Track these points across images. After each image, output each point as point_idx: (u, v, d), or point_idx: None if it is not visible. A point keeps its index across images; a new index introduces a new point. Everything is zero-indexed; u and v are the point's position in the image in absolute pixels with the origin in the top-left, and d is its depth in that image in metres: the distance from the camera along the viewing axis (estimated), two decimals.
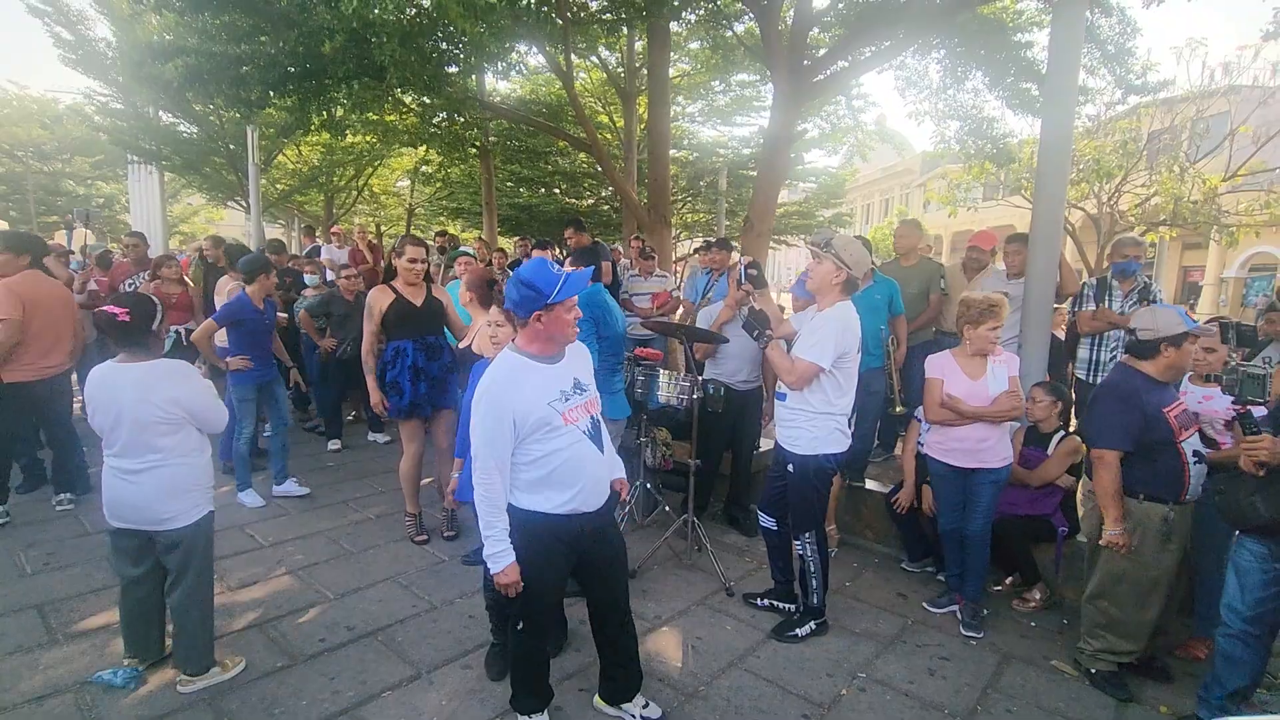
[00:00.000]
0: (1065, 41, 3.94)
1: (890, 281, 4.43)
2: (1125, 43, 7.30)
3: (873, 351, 4.09)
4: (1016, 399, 3.25)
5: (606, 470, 2.30)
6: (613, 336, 3.64)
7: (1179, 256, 22.77)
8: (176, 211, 25.12)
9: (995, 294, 3.32)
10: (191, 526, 2.60)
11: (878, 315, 4.23)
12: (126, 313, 2.48)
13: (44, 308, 4.15)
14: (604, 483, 2.29)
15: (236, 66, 6.18)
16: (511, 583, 2.13)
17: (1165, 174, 10.21)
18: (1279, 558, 2.32)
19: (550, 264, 2.15)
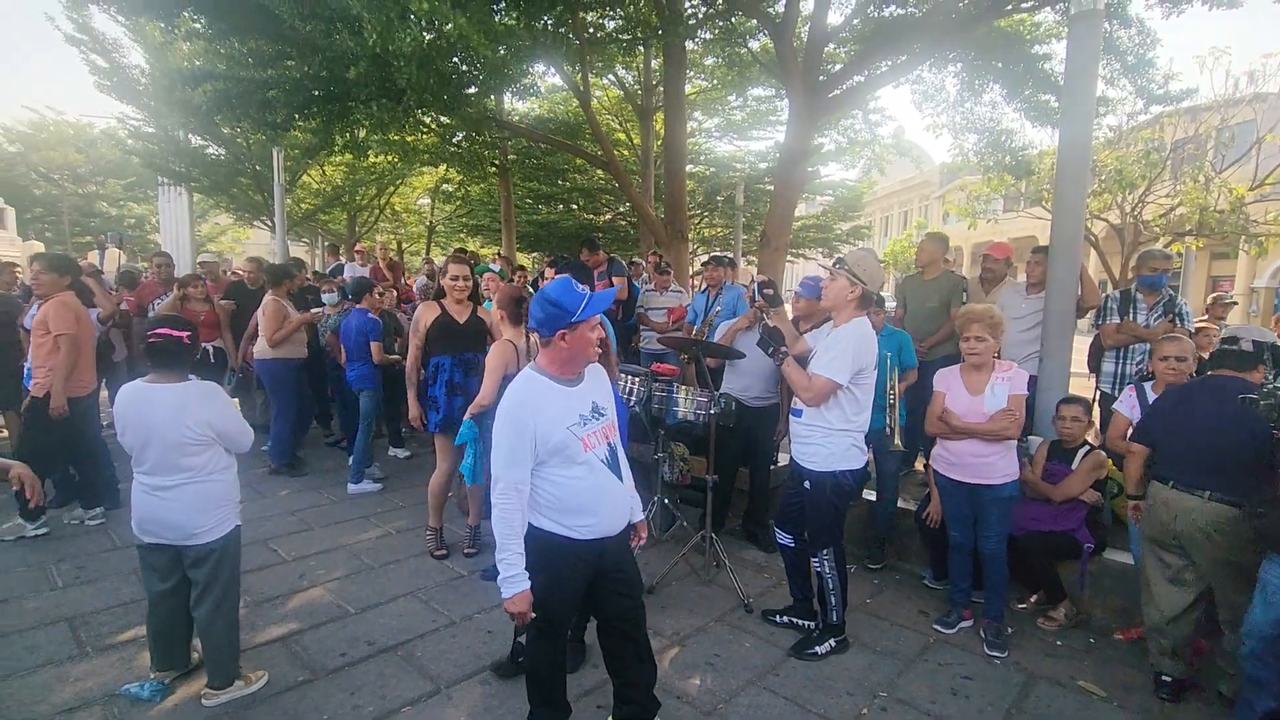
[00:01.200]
0: (1083, 53, 3.93)
1: (900, 334, 4.13)
2: (1145, 53, 7.23)
3: (880, 406, 3.68)
4: (1010, 418, 3.14)
5: (625, 497, 2.29)
6: None
7: (1207, 266, 22.33)
8: (204, 231, 25.77)
9: (983, 305, 3.35)
10: (219, 541, 2.65)
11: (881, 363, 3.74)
12: (188, 336, 2.59)
13: (84, 327, 4.31)
14: (622, 510, 2.28)
15: (263, 91, 6.36)
16: (521, 612, 2.07)
17: (1190, 184, 10.03)
18: None
19: (575, 283, 2.15)
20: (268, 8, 5.62)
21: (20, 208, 24.85)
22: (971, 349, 3.23)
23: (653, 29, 7.99)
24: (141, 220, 30.38)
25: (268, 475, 5.62)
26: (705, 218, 17.93)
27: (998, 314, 3.25)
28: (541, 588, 2.16)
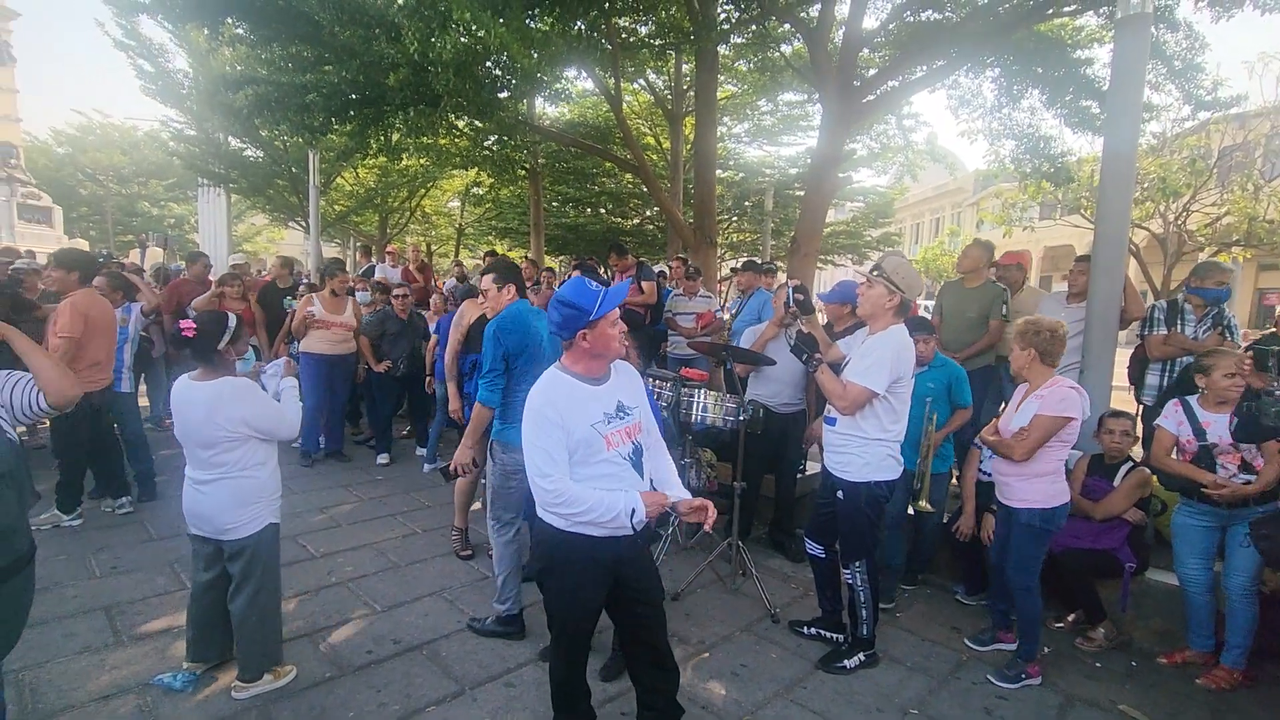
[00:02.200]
0: (1130, 58, 3.81)
1: (951, 365, 3.74)
2: (1193, 58, 7.02)
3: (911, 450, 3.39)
4: (1019, 438, 2.96)
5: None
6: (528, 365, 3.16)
7: (1254, 278, 21.58)
8: (240, 231, 26.42)
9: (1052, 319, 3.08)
10: (253, 537, 2.67)
11: (918, 405, 3.39)
12: (192, 328, 2.58)
13: (99, 325, 4.28)
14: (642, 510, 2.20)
15: (301, 95, 6.50)
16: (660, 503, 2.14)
17: (1239, 192, 9.74)
18: None
19: (588, 281, 2.16)
20: (308, 15, 5.74)
21: (66, 207, 25.70)
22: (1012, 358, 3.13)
23: (685, 34, 7.99)
24: (181, 220, 31.27)
25: (299, 471, 5.71)
26: (734, 223, 17.88)
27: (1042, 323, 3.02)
28: (557, 594, 2.16)
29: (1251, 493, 2.91)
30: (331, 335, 5.91)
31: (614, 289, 2.14)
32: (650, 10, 8.06)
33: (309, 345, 5.89)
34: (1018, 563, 3.02)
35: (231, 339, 2.68)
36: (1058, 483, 3.00)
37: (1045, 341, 2.99)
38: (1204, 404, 3.16)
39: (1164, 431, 3.24)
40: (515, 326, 3.14)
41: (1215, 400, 3.11)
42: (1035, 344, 3.01)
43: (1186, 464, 3.11)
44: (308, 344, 5.88)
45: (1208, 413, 3.12)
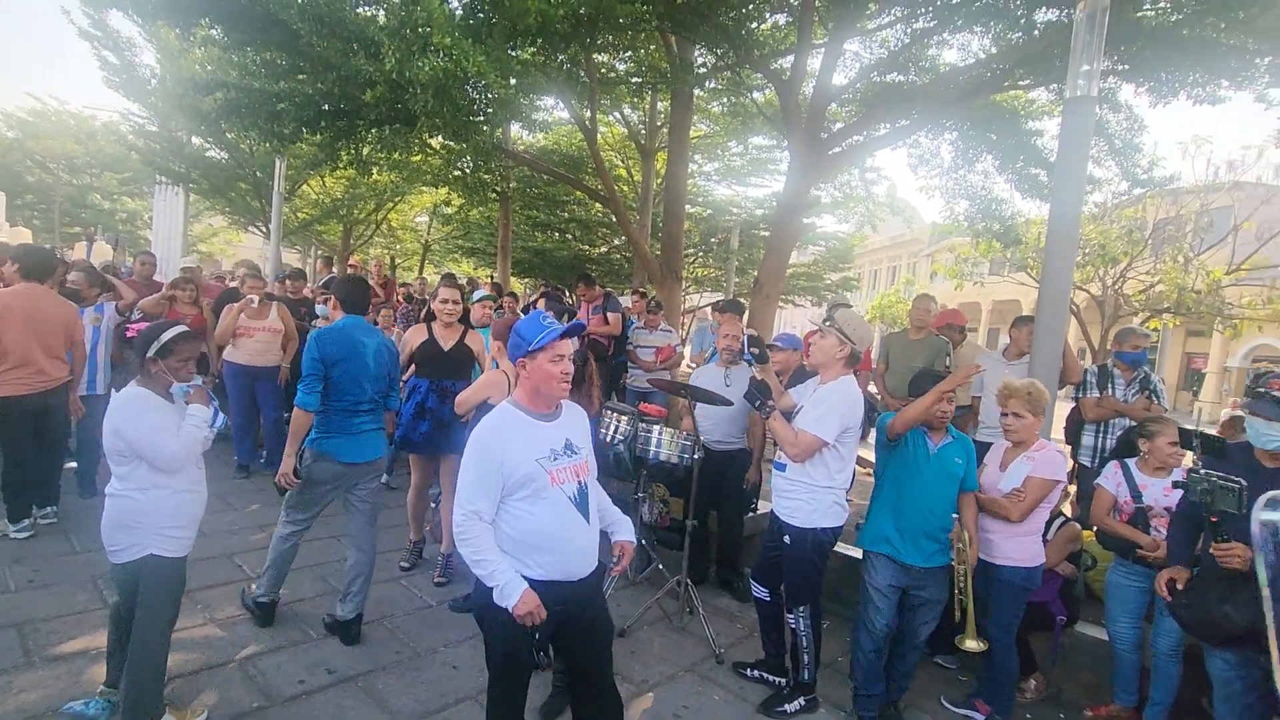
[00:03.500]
0: (1075, 135, 4.05)
1: (966, 441, 3.13)
2: (1133, 138, 7.53)
3: (939, 539, 2.95)
4: (1014, 499, 2.97)
5: (592, 539, 2.21)
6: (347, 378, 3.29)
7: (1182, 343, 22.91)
8: (197, 231, 25.60)
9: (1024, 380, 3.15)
10: (130, 566, 2.44)
11: (950, 484, 2.99)
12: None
13: (23, 321, 4.04)
14: (589, 553, 2.19)
15: (273, 103, 6.42)
16: (532, 609, 1.98)
17: (1170, 263, 10.38)
18: (1255, 661, 2.28)
19: (545, 315, 2.18)
20: (286, 23, 5.70)
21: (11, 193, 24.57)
22: (1009, 425, 3.06)
23: (662, 75, 8.21)
24: (134, 216, 30.16)
25: (237, 486, 5.51)
26: (699, 258, 18.17)
27: (1039, 390, 3.08)
28: (497, 631, 2.11)
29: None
30: (254, 343, 5.71)
31: (559, 328, 2.13)
32: (630, 49, 8.27)
33: (230, 354, 5.69)
34: (998, 620, 3.05)
35: (161, 352, 2.45)
36: (1039, 543, 3.09)
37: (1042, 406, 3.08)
38: (1142, 467, 3.30)
39: (1104, 491, 3.36)
40: (338, 338, 3.30)
41: (1154, 465, 3.25)
42: (1037, 410, 3.05)
43: (1124, 525, 3.23)
44: (229, 353, 5.69)
45: (1145, 476, 3.26)
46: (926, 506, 2.95)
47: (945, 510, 2.97)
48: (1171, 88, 6.28)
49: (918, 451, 3.02)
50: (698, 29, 6.53)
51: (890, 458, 3.09)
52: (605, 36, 7.07)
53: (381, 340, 3.49)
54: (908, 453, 3.03)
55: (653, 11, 6.27)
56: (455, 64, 4.58)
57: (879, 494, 3.13)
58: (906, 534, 2.97)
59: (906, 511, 2.97)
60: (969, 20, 6.73)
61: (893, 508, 3.02)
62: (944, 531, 2.96)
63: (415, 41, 4.70)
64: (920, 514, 2.95)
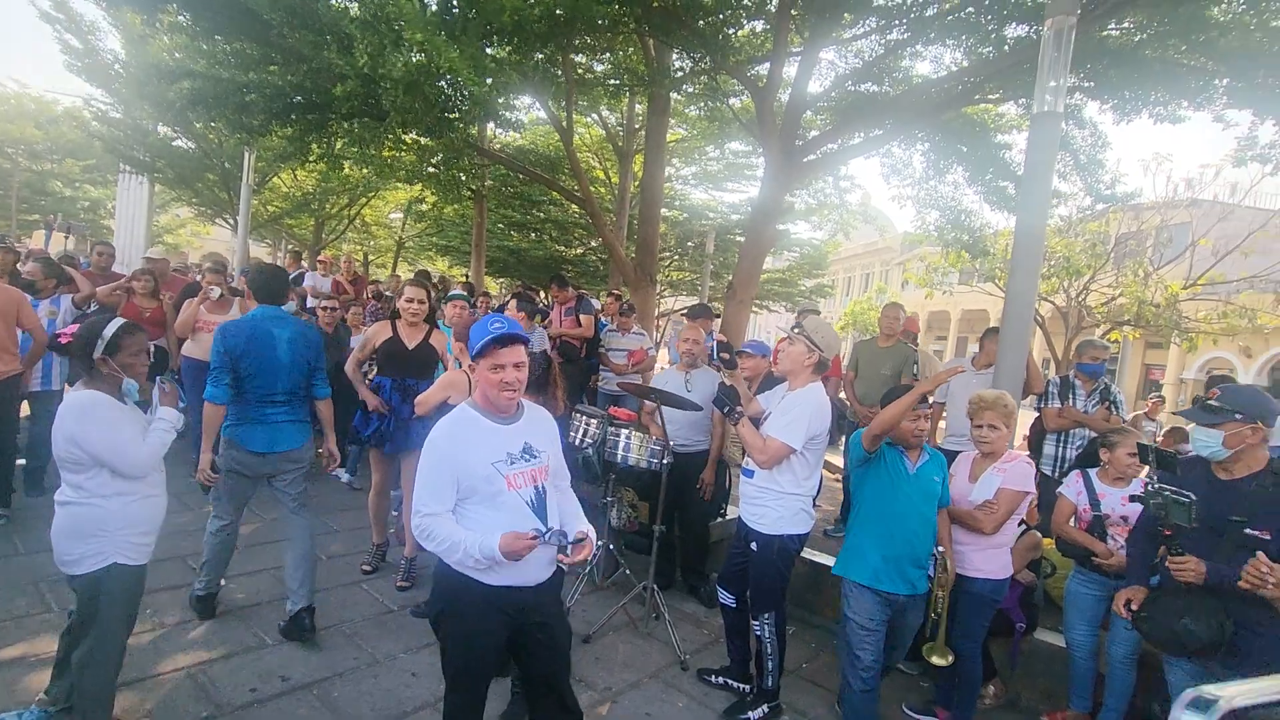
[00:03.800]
0: (1042, 149, 4.13)
1: (940, 456, 2.99)
2: (1096, 153, 7.73)
3: (923, 564, 2.83)
4: (986, 511, 2.93)
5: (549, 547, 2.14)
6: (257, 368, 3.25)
7: (1141, 355, 23.57)
8: (163, 222, 24.94)
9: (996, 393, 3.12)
10: (90, 577, 2.30)
11: (931, 505, 2.85)
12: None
13: None
14: (546, 559, 2.15)
15: (242, 94, 6.28)
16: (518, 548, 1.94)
17: (1130, 277, 10.68)
18: (1212, 675, 2.31)
19: (493, 321, 2.10)
20: (257, 12, 5.58)
21: None
22: (983, 438, 3.02)
23: (640, 78, 8.21)
24: (97, 204, 29.23)
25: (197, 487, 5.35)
26: (674, 261, 18.21)
27: (1011, 402, 3.08)
28: (454, 638, 2.09)
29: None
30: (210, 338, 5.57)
31: (490, 336, 2.04)
32: (608, 50, 8.25)
33: (189, 349, 5.47)
34: (967, 631, 3.03)
35: (109, 349, 2.34)
36: (1008, 555, 3.09)
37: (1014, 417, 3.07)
38: (1103, 477, 3.34)
39: (1065, 500, 3.41)
40: (245, 329, 3.28)
41: (1114, 475, 3.31)
42: (1010, 421, 3.04)
43: (1082, 532, 3.28)
44: (188, 348, 5.47)
45: (1105, 485, 3.32)
46: (912, 531, 2.78)
47: (929, 534, 2.83)
48: (1134, 106, 6.46)
49: (896, 472, 2.83)
50: (675, 33, 6.54)
51: (866, 478, 2.88)
52: (583, 37, 7.05)
53: (298, 330, 3.42)
54: (886, 473, 2.83)
55: (630, 14, 6.26)
56: (428, 60, 4.51)
57: (860, 518, 2.90)
58: (893, 563, 2.76)
59: (895, 538, 2.77)
60: (942, 33, 6.85)
61: (878, 535, 2.80)
62: (928, 557, 2.83)
63: (388, 36, 4.63)
64: (906, 541, 2.77)
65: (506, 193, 14.69)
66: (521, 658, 2.25)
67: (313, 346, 3.47)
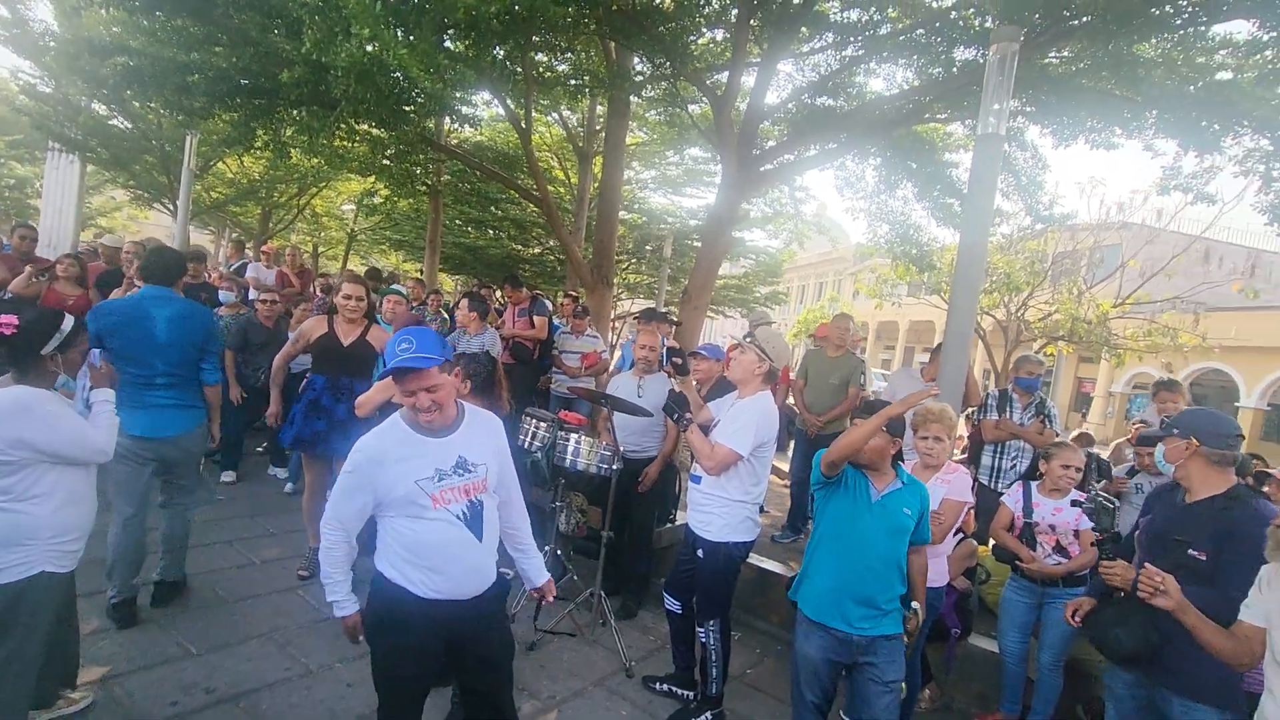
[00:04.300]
0: (985, 169, 4.28)
1: (921, 487, 2.65)
2: (1036, 175, 8.08)
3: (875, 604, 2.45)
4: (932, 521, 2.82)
5: (485, 556, 2.10)
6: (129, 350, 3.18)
7: (1075, 368, 24.74)
8: (96, 204, 23.64)
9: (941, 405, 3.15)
10: (13, 586, 2.16)
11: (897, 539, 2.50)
12: (13, 325, 2.13)
13: None
14: (482, 571, 2.09)
15: (183, 74, 5.99)
16: (351, 627, 2.10)
17: (1065, 294, 11.18)
18: (1144, 684, 2.43)
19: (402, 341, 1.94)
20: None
21: None
22: (928, 449, 3.03)
23: (600, 80, 8.18)
24: (24, 182, 27.46)
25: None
26: (632, 264, 18.22)
27: (953, 415, 3.14)
28: (385, 653, 2.04)
29: (1058, 573, 3.24)
30: None
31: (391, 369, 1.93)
32: (569, 51, 8.20)
33: None
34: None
35: (62, 345, 2.24)
36: (945, 563, 3.16)
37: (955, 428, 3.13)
38: (1041, 488, 3.46)
39: (1005, 508, 3.52)
40: (118, 309, 3.31)
41: (1050, 486, 3.43)
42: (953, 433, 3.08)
43: (1014, 539, 3.41)
44: None
45: (1041, 496, 3.43)
46: (865, 566, 2.44)
47: (889, 573, 2.46)
48: (1072, 131, 6.77)
49: (858, 497, 2.52)
50: (636, 37, 6.54)
51: (828, 502, 2.60)
52: (543, 36, 6.98)
53: (181, 310, 3.36)
54: (846, 498, 2.53)
55: (591, 16, 6.23)
56: (377, 51, 4.39)
57: (818, 543, 2.62)
58: (834, 595, 2.46)
59: (843, 570, 2.47)
60: (895, 52, 7.04)
61: (828, 564, 2.53)
62: (886, 598, 2.46)
63: (338, 24, 4.48)
64: (856, 575, 2.44)
65: (463, 189, 14.43)
66: (459, 672, 2.21)
67: (200, 328, 3.42)
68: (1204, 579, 2.20)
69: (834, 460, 2.47)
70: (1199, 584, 2.18)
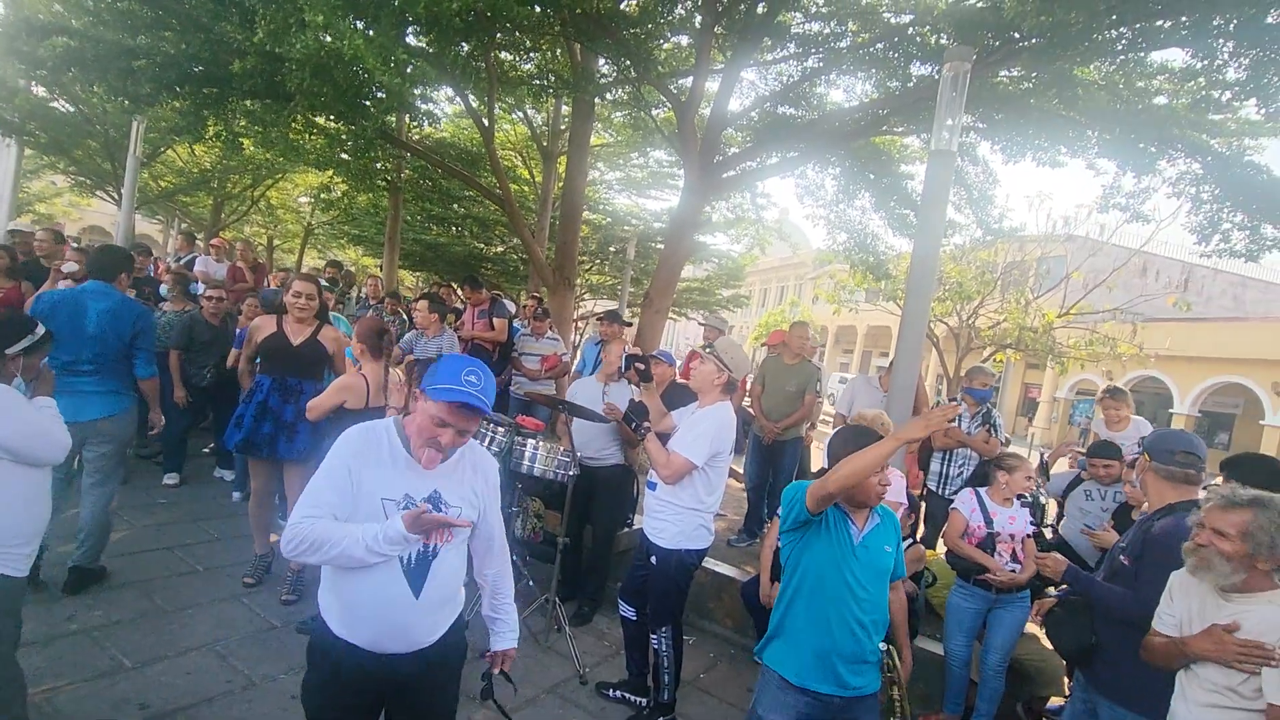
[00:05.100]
0: (938, 182, 4.40)
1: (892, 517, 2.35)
2: (987, 189, 8.36)
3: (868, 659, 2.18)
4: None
5: (418, 616, 1.77)
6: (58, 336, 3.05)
7: (1022, 375, 25.65)
8: (36, 189, 22.48)
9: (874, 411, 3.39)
10: None
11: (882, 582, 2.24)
12: None
13: None
14: (409, 634, 1.78)
15: (128, 59, 5.76)
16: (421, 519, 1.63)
17: (1014, 304, 11.60)
18: (1085, 687, 2.54)
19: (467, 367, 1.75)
20: None
21: None
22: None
23: (565, 81, 8.16)
24: None
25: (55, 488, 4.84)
26: (595, 265, 18.19)
27: (889, 422, 3.24)
28: (312, 688, 1.83)
29: (1022, 581, 3.34)
30: None
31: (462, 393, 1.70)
32: (534, 50, 8.15)
33: None
34: None
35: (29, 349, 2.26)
36: None
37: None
38: (993, 496, 3.54)
39: (958, 516, 3.56)
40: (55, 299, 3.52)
41: (1004, 496, 3.51)
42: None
43: (975, 548, 3.45)
44: None
45: (995, 505, 3.52)
46: (853, 618, 2.14)
47: (877, 620, 2.19)
48: (1020, 148, 7.04)
49: (840, 542, 2.16)
50: (600, 40, 6.54)
51: (805, 548, 2.21)
52: (508, 35, 6.93)
53: (114, 305, 3.54)
54: (828, 544, 2.17)
55: (556, 17, 6.21)
56: (334, 44, 4.29)
57: (794, 597, 2.23)
58: (824, 655, 2.14)
59: (832, 629, 2.13)
60: (854, 64, 7.20)
61: (815, 621, 2.16)
62: (872, 648, 2.18)
63: (292, 14, 4.37)
64: (846, 629, 2.13)
65: (424, 185, 14.18)
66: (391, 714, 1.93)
67: (131, 323, 3.59)
68: (1129, 582, 2.34)
69: (831, 493, 2.08)
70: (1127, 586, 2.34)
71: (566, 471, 3.81)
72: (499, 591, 2.09)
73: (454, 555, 1.84)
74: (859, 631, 2.14)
